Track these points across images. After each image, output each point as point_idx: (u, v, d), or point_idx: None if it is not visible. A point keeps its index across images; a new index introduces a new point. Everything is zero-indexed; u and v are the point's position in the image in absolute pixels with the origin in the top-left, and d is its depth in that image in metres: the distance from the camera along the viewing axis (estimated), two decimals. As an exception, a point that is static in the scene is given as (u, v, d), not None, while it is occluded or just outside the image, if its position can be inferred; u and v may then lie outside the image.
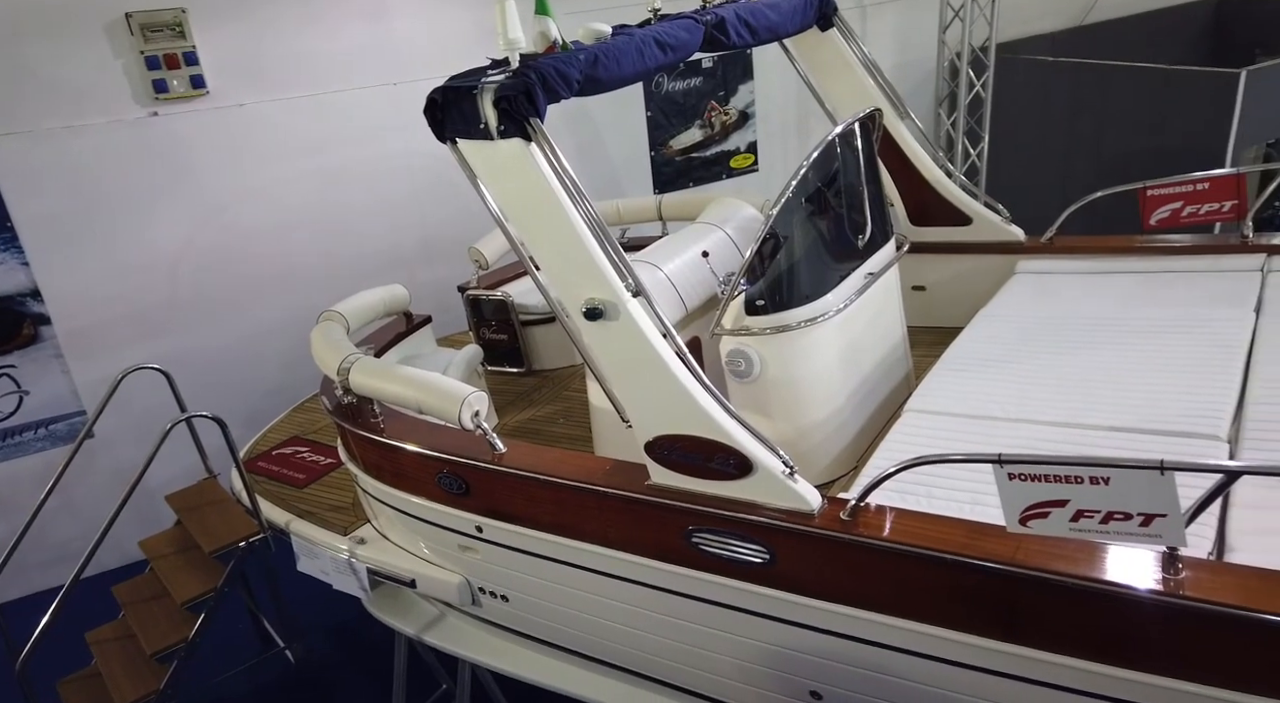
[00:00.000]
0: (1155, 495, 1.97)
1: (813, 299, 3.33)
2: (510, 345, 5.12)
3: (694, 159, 7.67)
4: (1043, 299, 4.06)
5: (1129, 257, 4.22)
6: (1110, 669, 2.22)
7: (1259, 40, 8.14)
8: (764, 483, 2.61)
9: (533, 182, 2.68)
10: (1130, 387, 3.13)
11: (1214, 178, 4.05)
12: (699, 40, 3.31)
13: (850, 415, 3.55)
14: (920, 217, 4.67)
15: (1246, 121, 5.86)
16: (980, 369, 3.51)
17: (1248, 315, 3.43)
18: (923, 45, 7.36)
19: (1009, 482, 2.15)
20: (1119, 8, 8.20)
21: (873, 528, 2.46)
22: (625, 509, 2.88)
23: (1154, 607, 2.08)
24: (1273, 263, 3.86)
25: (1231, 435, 2.74)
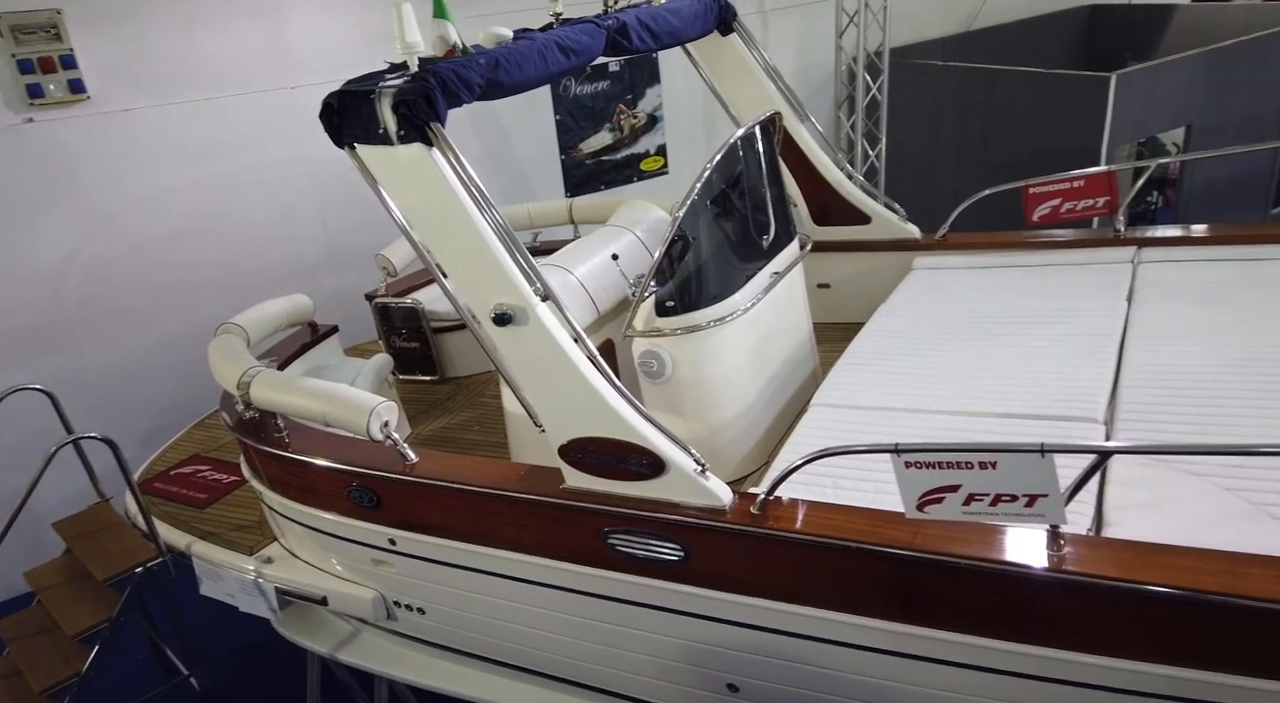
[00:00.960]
0: (1037, 477, 2.10)
1: (721, 299, 3.40)
2: (422, 353, 5.03)
3: (604, 162, 7.70)
4: (937, 294, 4.24)
5: (1015, 251, 4.45)
6: (1005, 644, 2.34)
7: (1129, 46, 8.71)
8: (677, 482, 2.66)
9: (435, 187, 2.65)
10: (1016, 375, 3.30)
11: (1089, 175, 4.31)
12: (601, 45, 3.33)
13: (761, 412, 3.63)
14: (822, 216, 4.81)
15: (1118, 122, 6.26)
16: (881, 363, 3.65)
17: (1120, 305, 3.67)
18: (821, 50, 7.58)
19: (906, 470, 2.24)
20: (1003, 14, 8.63)
21: (781, 521, 2.53)
22: (540, 514, 2.88)
23: (1039, 582, 2.20)
24: (1142, 255, 4.13)
25: (1107, 418, 2.93)
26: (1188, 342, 3.26)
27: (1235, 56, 6.64)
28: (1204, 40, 6.87)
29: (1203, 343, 3.22)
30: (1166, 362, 3.15)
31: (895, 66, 7.62)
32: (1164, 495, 2.43)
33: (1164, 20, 8.78)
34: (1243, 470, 2.41)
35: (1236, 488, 2.38)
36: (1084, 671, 2.28)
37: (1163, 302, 3.64)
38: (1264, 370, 2.95)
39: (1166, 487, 2.46)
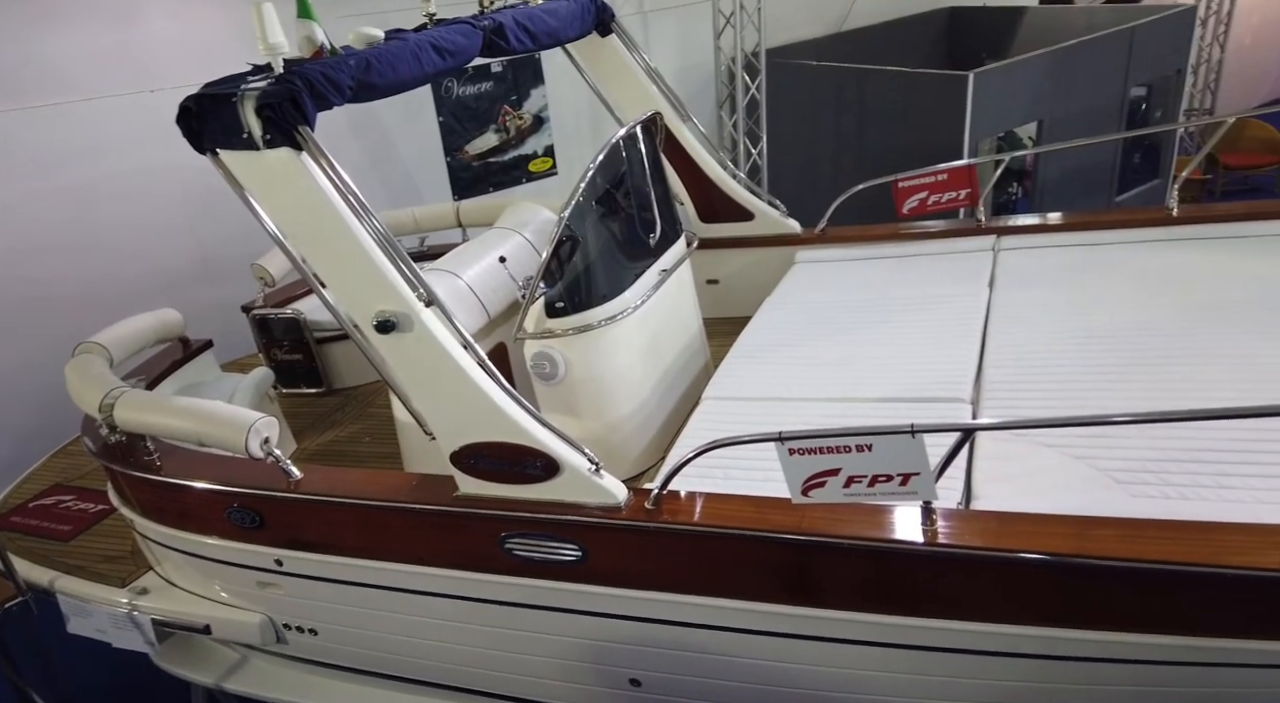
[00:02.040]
0: (910, 457, 2.21)
1: (611, 298, 3.43)
2: (306, 365, 4.86)
3: (492, 164, 7.62)
4: (818, 286, 4.40)
5: (889, 243, 4.67)
6: (890, 618, 2.46)
7: (987, 46, 9.26)
8: (571, 482, 2.67)
9: (307, 192, 2.57)
10: (892, 361, 3.47)
11: (951, 169, 4.57)
12: (478, 45, 3.30)
13: (655, 408, 3.69)
14: (708, 214, 4.91)
15: (977, 118, 6.65)
16: (767, 355, 3.76)
17: (982, 291, 3.91)
18: (701, 50, 7.73)
19: (790, 457, 2.33)
20: (870, 16, 9.02)
21: (675, 514, 2.58)
22: (434, 524, 2.83)
23: (915, 556, 2.33)
24: (1001, 243, 4.40)
25: (973, 397, 3.11)
26: (1042, 323, 3.50)
27: (1078, 55, 7.16)
28: (1051, 40, 7.38)
29: (1055, 323, 3.47)
30: (1024, 342, 3.38)
31: (772, 66, 7.85)
32: (1024, 467, 2.61)
33: (1015, 22, 9.39)
34: (1090, 440, 2.62)
35: (1085, 457, 2.58)
36: (963, 638, 2.43)
37: (1020, 286, 3.89)
38: (1108, 347, 3.21)
39: (1026, 459, 2.64)
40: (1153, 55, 7.68)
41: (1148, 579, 2.11)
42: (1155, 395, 2.82)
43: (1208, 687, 2.34)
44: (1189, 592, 2.11)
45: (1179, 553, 2.06)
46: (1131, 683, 2.39)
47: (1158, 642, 2.24)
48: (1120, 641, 2.27)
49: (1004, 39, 9.30)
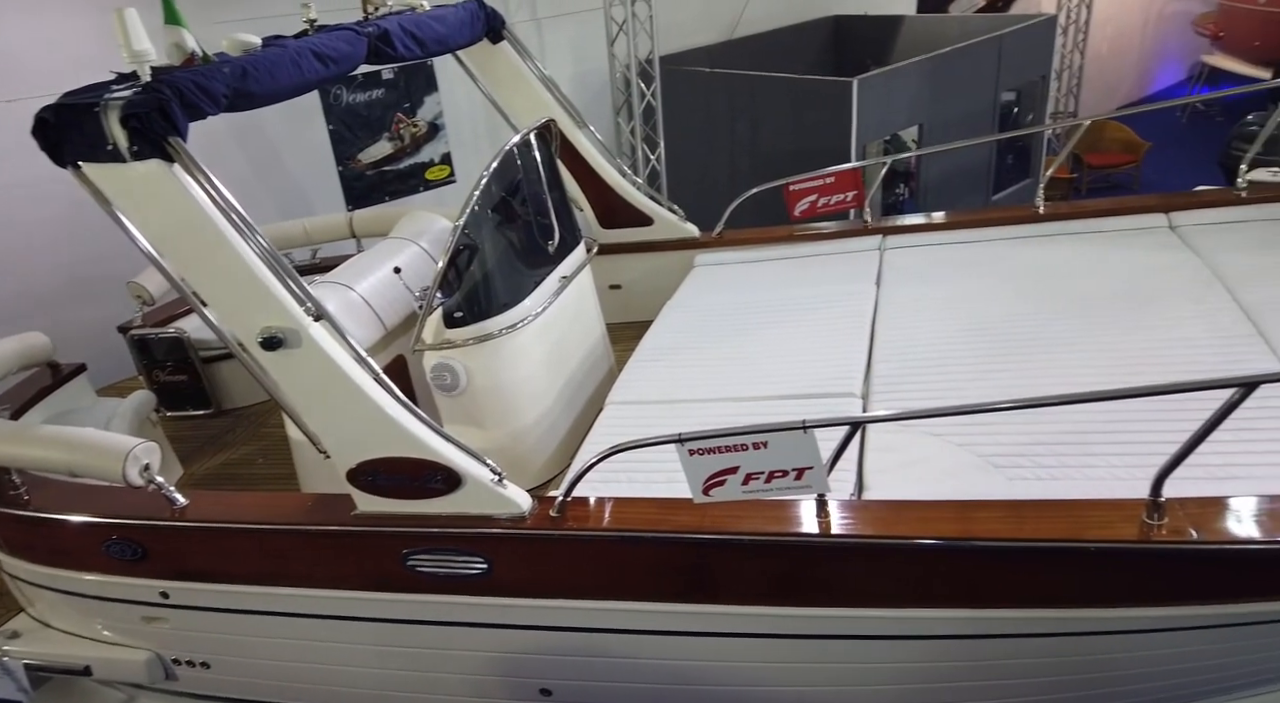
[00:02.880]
0: (803, 452, 2.28)
1: (511, 306, 3.40)
2: (192, 386, 4.63)
3: (387, 172, 7.45)
4: (717, 288, 4.49)
5: (783, 244, 4.81)
6: (793, 610, 2.53)
7: (870, 52, 9.64)
8: (474, 494, 2.63)
9: (180, 206, 2.45)
10: (787, 359, 3.57)
11: (838, 172, 4.74)
12: (362, 52, 3.23)
13: (561, 415, 3.68)
14: (608, 219, 4.94)
15: (863, 122, 6.93)
16: (670, 357, 3.81)
17: (870, 288, 4.06)
18: (596, 57, 7.77)
19: (690, 458, 2.36)
20: (759, 24, 9.26)
21: (580, 520, 2.58)
22: (333, 545, 2.75)
23: (812, 548, 2.41)
24: (887, 242, 4.60)
25: (864, 391, 3.24)
26: (925, 318, 3.67)
27: (953, 62, 7.55)
28: (928, 48, 7.75)
29: (936, 318, 3.64)
30: (909, 337, 3.53)
31: (667, 73, 7.96)
32: (911, 457, 2.73)
33: (895, 30, 9.81)
34: (971, 428, 2.76)
35: (967, 444, 2.72)
36: (862, 624, 2.52)
37: (904, 284, 4.07)
38: (984, 338, 3.39)
39: (913, 449, 2.76)
40: (1020, 62, 8.16)
41: (1024, 557, 2.24)
42: (1027, 382, 3.00)
43: (1083, 655, 2.50)
44: (1058, 566, 2.26)
45: (1049, 530, 2.20)
46: (1016, 657, 2.54)
47: (1037, 615, 2.38)
48: (1006, 617, 2.40)
49: (886, 46, 9.71)
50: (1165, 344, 3.04)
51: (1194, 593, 2.25)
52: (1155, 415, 2.56)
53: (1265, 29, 12.86)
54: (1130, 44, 14.51)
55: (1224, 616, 2.28)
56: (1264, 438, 2.45)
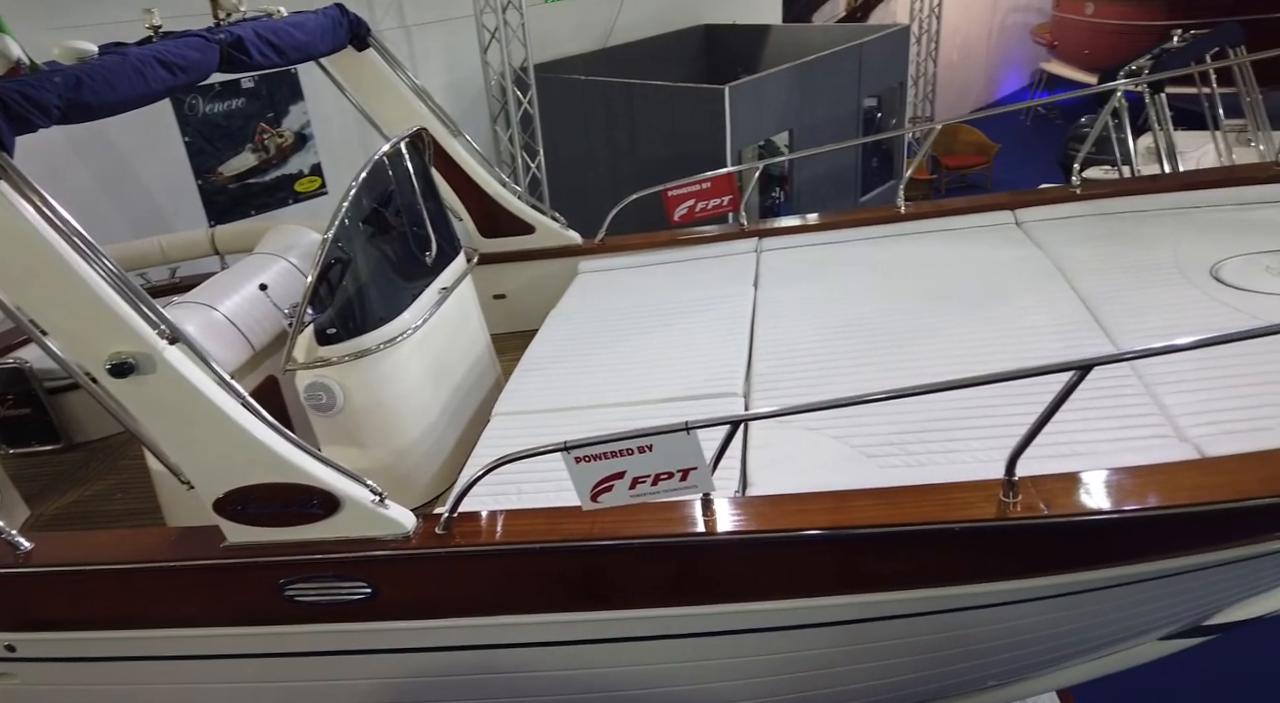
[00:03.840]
0: (687, 453, 2.32)
1: (388, 320, 3.31)
2: (37, 419, 4.26)
3: (252, 185, 7.11)
4: (601, 294, 4.51)
5: (665, 249, 4.88)
6: (687, 610, 2.57)
7: (741, 60, 9.93)
8: (354, 516, 2.54)
9: (9, 228, 2.26)
10: (672, 362, 3.62)
11: (713, 177, 4.85)
12: (214, 60, 3.07)
13: (447, 429, 3.60)
14: (489, 229, 4.88)
15: (737, 128, 7.13)
16: (555, 365, 3.80)
17: (749, 290, 4.18)
18: (469, 65, 7.68)
19: (577, 465, 2.36)
20: (632, 32, 9.38)
21: (468, 536, 2.53)
22: (202, 580, 2.59)
23: (700, 547, 2.45)
24: (763, 244, 4.74)
25: (745, 390, 3.32)
26: (800, 316, 3.81)
27: (817, 70, 7.88)
28: (794, 56, 8.06)
29: (810, 316, 3.78)
30: (786, 335, 3.65)
31: (543, 81, 7.95)
32: (791, 451, 2.82)
33: (763, 38, 10.15)
34: (844, 421, 2.88)
35: (841, 436, 2.83)
36: (754, 617, 2.57)
37: (780, 284, 4.20)
38: (855, 334, 3.54)
39: (792, 444, 2.85)
40: (879, 69, 8.60)
41: (898, 540, 2.36)
42: (895, 375, 3.16)
43: (959, 629, 2.65)
44: (930, 547, 2.38)
45: (919, 514, 2.32)
46: (899, 637, 2.66)
47: (915, 595, 2.50)
48: (886, 599, 2.51)
49: (755, 54, 10.03)
50: (1014, 333, 3.27)
51: (1051, 564, 2.42)
52: (1008, 400, 2.74)
53: (1093, 38, 14.07)
54: (977, 52, 15.56)
55: (1080, 582, 2.46)
56: (1102, 415, 2.66)
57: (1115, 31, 13.44)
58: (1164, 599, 2.67)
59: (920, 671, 2.90)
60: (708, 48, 10.38)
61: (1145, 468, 2.29)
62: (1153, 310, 3.20)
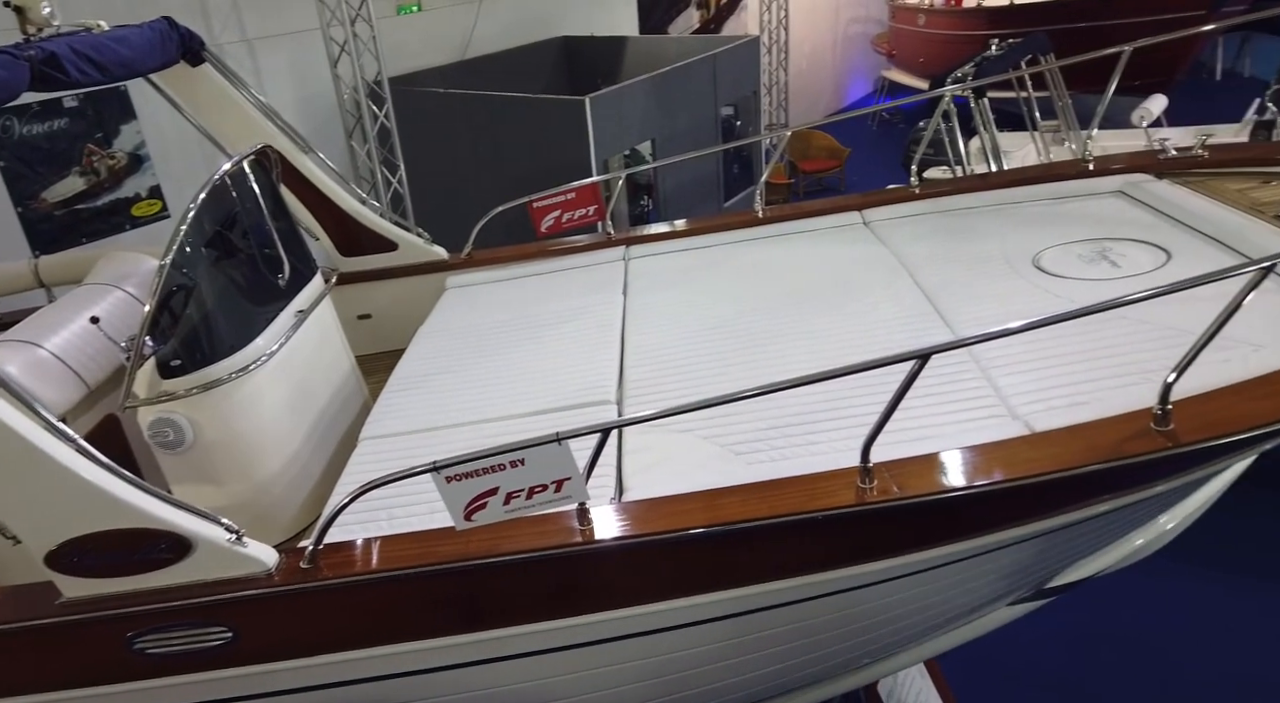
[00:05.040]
0: (560, 464, 2.32)
1: (239, 347, 3.15)
2: None
3: (82, 211, 6.59)
4: (470, 309, 4.44)
5: (534, 261, 4.86)
6: (572, 620, 2.56)
7: (601, 71, 10.04)
8: (208, 558, 2.39)
9: None
10: (546, 373, 3.61)
11: (578, 187, 4.88)
12: (24, 78, 2.84)
13: (311, 459, 3.45)
14: (349, 247, 4.72)
15: (600, 138, 7.19)
16: (425, 384, 3.71)
17: (618, 298, 4.22)
18: (320, 79, 7.41)
19: (448, 485, 2.32)
20: (489, 44, 9.31)
21: (336, 567, 2.43)
22: (36, 642, 2.37)
23: (579, 557, 2.45)
24: (631, 252, 4.80)
25: (618, 397, 3.35)
26: (668, 321, 3.88)
27: (675, 80, 8.06)
28: (652, 66, 8.22)
29: (678, 320, 3.86)
30: (656, 341, 3.72)
31: (400, 94, 7.76)
32: (664, 454, 2.86)
33: (621, 49, 10.30)
34: (713, 421, 2.95)
35: (711, 436, 2.91)
36: (640, 621, 2.59)
37: (648, 291, 4.27)
38: (722, 336, 3.64)
39: (666, 447, 2.90)
40: (734, 78, 8.89)
41: (768, 533, 2.44)
42: (759, 373, 3.27)
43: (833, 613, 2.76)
44: (798, 536, 2.48)
45: (785, 506, 2.41)
46: (778, 625, 2.75)
47: (790, 584, 2.59)
48: (763, 590, 2.59)
49: (614, 65, 10.17)
50: (867, 327, 3.45)
51: (910, 542, 2.56)
52: (862, 391, 2.89)
53: (926, 48, 15.08)
54: (825, 62, 16.36)
55: (937, 557, 2.62)
56: (946, 399, 2.85)
57: (944, 41, 14.46)
58: (1010, 567, 2.88)
59: (802, 655, 3.01)
60: (567, 59, 10.44)
61: (984, 446, 2.47)
62: (985, 299, 3.46)
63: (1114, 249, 3.70)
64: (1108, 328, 2.97)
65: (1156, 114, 7.16)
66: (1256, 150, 4.36)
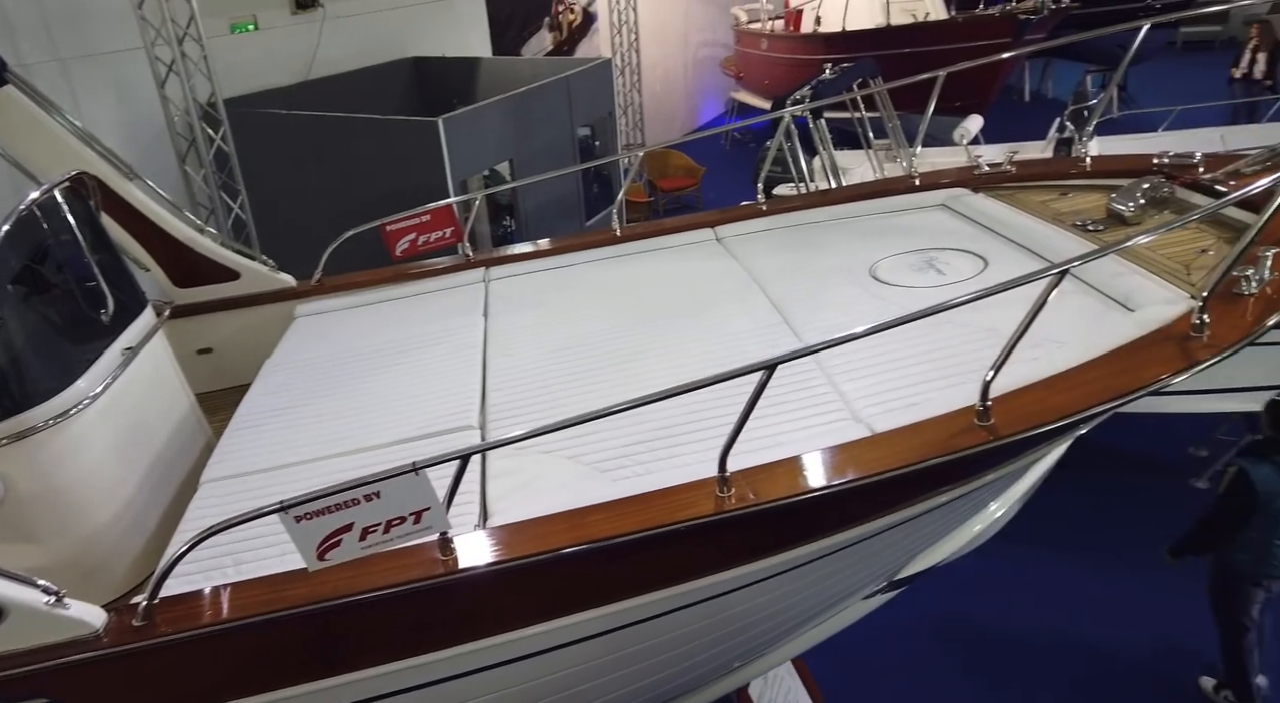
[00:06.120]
0: (418, 494, 2.26)
1: (57, 391, 2.89)
2: None
3: None
4: (322, 339, 4.27)
5: (390, 286, 4.73)
6: (440, 653, 2.49)
7: (456, 92, 9.91)
8: (23, 624, 2.17)
9: None
10: (405, 401, 3.51)
11: (433, 210, 4.80)
12: None
13: (146, 507, 3.20)
14: (185, 278, 4.45)
15: (455, 159, 7.08)
16: (275, 419, 3.53)
17: (479, 320, 4.17)
18: (147, 102, 6.92)
19: (298, 524, 2.21)
20: (336, 65, 9.01)
21: (174, 622, 2.27)
22: None
23: (443, 589, 2.39)
24: (491, 273, 4.76)
25: (481, 421, 3.31)
26: (531, 342, 3.87)
27: (531, 100, 8.07)
28: (506, 88, 8.19)
29: (541, 341, 3.86)
30: (518, 363, 3.70)
31: (238, 117, 7.38)
32: (528, 477, 2.85)
33: (474, 71, 10.22)
34: (576, 440, 2.97)
35: (575, 455, 2.92)
36: (513, 647, 2.56)
37: (509, 312, 4.25)
38: (584, 355, 3.67)
39: (529, 469, 2.89)
40: (588, 100, 9.00)
41: (635, 547, 2.46)
42: (621, 390, 3.31)
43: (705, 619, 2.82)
44: (665, 548, 2.52)
45: (650, 519, 2.44)
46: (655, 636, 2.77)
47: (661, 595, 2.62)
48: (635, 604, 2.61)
49: (468, 87, 10.07)
50: (721, 340, 3.57)
51: (770, 544, 2.66)
52: (720, 403, 2.98)
53: (770, 70, 15.84)
54: (678, 84, 16.86)
55: (796, 557, 2.73)
56: (796, 405, 2.99)
57: (785, 64, 15.23)
58: (863, 560, 3.04)
59: (676, 665, 3.05)
60: (419, 80, 10.24)
61: (831, 448, 2.60)
62: (829, 309, 3.66)
63: (939, 259, 4.00)
64: (936, 332, 3.21)
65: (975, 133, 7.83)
66: (1057, 165, 4.84)
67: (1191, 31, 19.29)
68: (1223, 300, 2.87)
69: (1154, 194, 4.03)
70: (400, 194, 6.96)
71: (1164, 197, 4.05)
